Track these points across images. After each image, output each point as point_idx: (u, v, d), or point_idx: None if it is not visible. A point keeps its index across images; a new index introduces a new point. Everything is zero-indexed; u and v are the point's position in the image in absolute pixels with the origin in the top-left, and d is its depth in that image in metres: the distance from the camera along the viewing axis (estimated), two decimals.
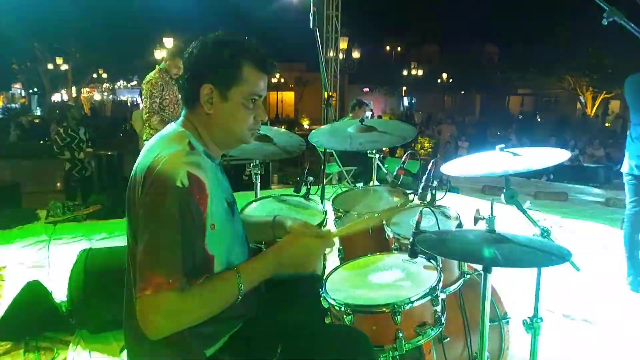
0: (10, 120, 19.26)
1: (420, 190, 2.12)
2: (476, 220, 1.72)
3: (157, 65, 4.65)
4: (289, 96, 33.79)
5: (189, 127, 1.42)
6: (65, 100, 23.89)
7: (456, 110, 28.62)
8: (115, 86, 33.96)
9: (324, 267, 2.48)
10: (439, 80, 31.56)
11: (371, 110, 8.82)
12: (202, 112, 1.41)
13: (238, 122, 1.42)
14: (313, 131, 2.89)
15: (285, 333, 1.47)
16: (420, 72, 30.41)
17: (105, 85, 33.52)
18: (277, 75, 31.33)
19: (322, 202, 2.71)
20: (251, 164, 2.85)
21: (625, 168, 3.50)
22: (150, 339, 1.23)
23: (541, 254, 1.52)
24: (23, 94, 30.72)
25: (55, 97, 26.95)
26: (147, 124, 4.49)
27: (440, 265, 1.83)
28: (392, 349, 1.61)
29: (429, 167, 2.13)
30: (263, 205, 2.61)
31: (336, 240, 1.70)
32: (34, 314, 2.80)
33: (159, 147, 1.35)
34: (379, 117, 18.38)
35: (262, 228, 1.73)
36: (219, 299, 1.32)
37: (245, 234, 1.58)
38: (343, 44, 12.16)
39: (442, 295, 1.80)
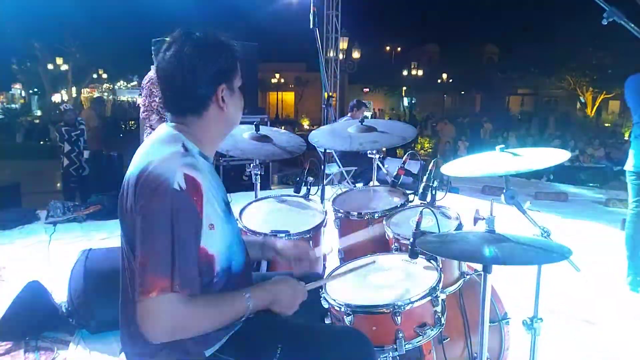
0: (15, 121, 19.25)
1: (420, 191, 2.13)
2: (476, 220, 1.72)
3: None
4: (289, 96, 33.75)
5: (183, 129, 1.42)
6: (65, 100, 23.80)
7: (456, 110, 28.60)
8: (115, 86, 33.89)
9: (324, 267, 2.48)
10: (439, 81, 31.53)
11: (374, 113, 8.82)
12: (210, 114, 1.42)
13: (239, 109, 1.51)
14: (313, 131, 2.89)
15: (285, 333, 1.47)
16: (420, 72, 30.37)
17: (105, 85, 33.45)
18: (277, 75, 31.33)
19: (322, 202, 2.71)
20: (251, 165, 2.83)
21: (629, 166, 3.45)
22: (151, 342, 1.24)
23: (541, 252, 1.52)
24: (23, 94, 30.68)
25: (56, 98, 26.91)
26: (147, 125, 4.48)
27: (440, 266, 1.83)
28: (392, 349, 1.62)
29: (429, 168, 2.13)
30: (263, 205, 2.61)
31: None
32: (34, 314, 2.79)
33: (153, 150, 1.36)
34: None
35: (251, 247, 1.73)
36: (222, 315, 1.34)
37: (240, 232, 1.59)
38: (343, 44, 12.15)
39: (442, 296, 1.80)
